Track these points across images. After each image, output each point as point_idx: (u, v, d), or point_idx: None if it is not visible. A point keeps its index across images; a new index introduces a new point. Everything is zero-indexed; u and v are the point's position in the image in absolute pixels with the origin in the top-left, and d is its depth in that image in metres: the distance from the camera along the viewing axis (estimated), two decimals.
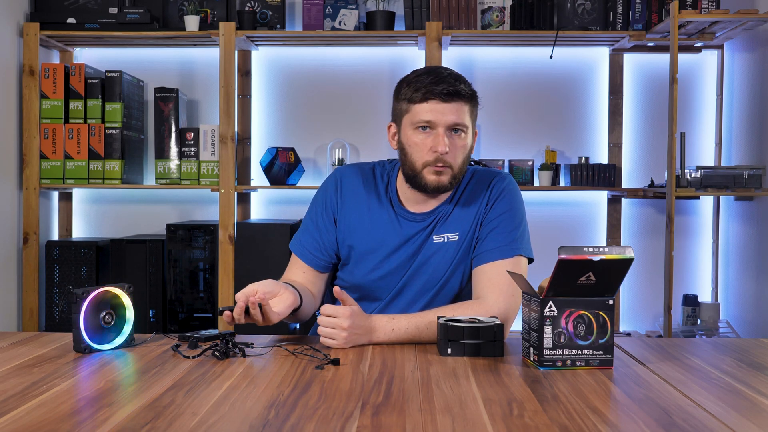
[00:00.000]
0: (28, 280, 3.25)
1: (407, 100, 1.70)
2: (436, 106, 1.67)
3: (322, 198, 1.83)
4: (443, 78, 1.68)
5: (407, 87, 1.71)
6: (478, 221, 1.76)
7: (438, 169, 1.69)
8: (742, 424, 1.10)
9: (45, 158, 3.28)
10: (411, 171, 1.72)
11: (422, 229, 1.76)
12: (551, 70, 3.51)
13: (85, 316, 1.51)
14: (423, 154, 1.69)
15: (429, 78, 1.68)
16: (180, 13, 3.39)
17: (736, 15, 2.98)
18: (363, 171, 1.84)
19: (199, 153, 3.36)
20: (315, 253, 1.80)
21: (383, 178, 1.82)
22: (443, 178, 1.70)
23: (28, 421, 1.09)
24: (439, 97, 1.66)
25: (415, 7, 3.32)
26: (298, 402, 1.19)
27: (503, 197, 1.77)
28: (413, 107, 1.70)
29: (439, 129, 1.68)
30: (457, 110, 1.68)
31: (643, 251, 3.50)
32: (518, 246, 1.74)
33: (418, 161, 1.70)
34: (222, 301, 3.21)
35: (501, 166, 3.39)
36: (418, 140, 1.70)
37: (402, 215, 1.77)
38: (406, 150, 1.72)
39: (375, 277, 1.77)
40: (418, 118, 1.68)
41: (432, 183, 1.70)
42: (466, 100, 1.69)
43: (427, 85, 1.67)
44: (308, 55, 3.56)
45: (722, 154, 3.46)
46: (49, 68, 3.27)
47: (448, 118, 1.67)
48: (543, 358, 1.40)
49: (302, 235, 1.83)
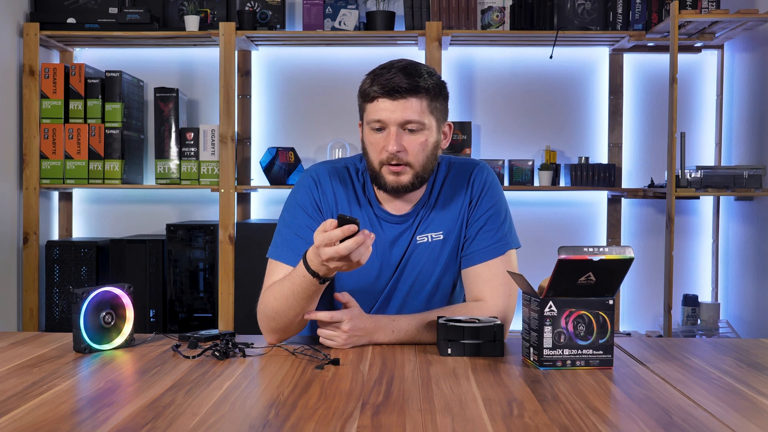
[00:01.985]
0: (28, 280, 3.25)
1: (362, 98, 1.66)
2: (385, 104, 1.60)
3: (307, 199, 1.72)
4: (395, 73, 1.60)
5: (363, 84, 1.66)
6: (462, 219, 1.72)
7: (395, 169, 1.62)
8: (742, 424, 1.10)
9: (45, 158, 3.28)
10: (371, 171, 1.67)
11: (405, 230, 1.71)
12: (551, 70, 3.51)
13: (85, 316, 1.51)
14: (378, 153, 1.63)
15: (382, 74, 1.62)
16: (180, 13, 3.39)
17: (736, 15, 2.98)
18: (337, 171, 1.75)
19: (199, 153, 3.36)
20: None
21: (359, 178, 1.75)
22: (402, 178, 1.63)
23: (28, 421, 1.09)
24: (388, 95, 1.59)
25: (415, 7, 3.32)
26: (298, 402, 1.19)
27: (486, 192, 1.72)
28: (367, 106, 1.64)
29: (391, 128, 1.61)
30: (407, 107, 1.60)
31: (643, 251, 3.50)
32: (508, 241, 1.71)
33: (375, 161, 1.64)
34: (222, 301, 3.21)
35: (501, 166, 3.39)
36: (373, 140, 1.64)
37: (383, 217, 1.72)
38: (366, 149, 1.68)
39: (361, 281, 1.70)
40: (370, 117, 1.63)
41: (391, 183, 1.64)
42: (422, 95, 1.61)
43: (379, 82, 1.61)
44: (308, 55, 3.56)
45: (722, 154, 3.46)
46: (49, 68, 3.27)
47: (397, 116, 1.60)
48: (543, 358, 1.40)
49: (290, 240, 1.68)
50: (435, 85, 1.63)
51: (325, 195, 1.72)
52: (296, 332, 1.64)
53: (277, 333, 1.62)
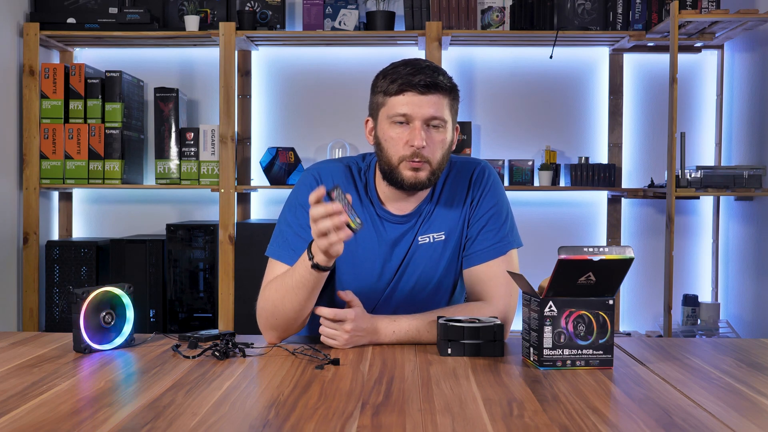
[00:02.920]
0: (28, 280, 3.25)
1: (383, 92, 1.63)
2: (412, 99, 1.59)
3: (308, 196, 1.73)
4: (421, 69, 1.60)
5: (383, 79, 1.64)
6: (464, 219, 1.71)
7: (415, 165, 1.61)
8: (742, 424, 1.10)
9: (45, 158, 3.28)
10: (387, 167, 1.65)
11: (407, 230, 1.71)
12: (551, 70, 3.51)
13: (85, 316, 1.51)
14: (399, 148, 1.61)
15: (406, 69, 1.61)
16: (180, 13, 3.39)
17: (736, 15, 2.98)
18: (340, 169, 1.73)
19: (199, 153, 3.36)
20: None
21: (361, 177, 1.73)
22: (421, 174, 1.62)
23: (28, 421, 1.09)
24: (416, 89, 1.59)
25: (415, 7, 3.32)
26: (298, 402, 1.19)
27: (488, 192, 1.72)
28: (389, 100, 1.62)
29: (416, 122, 1.60)
30: (434, 103, 1.60)
31: (643, 251, 3.50)
32: (509, 241, 1.70)
33: (394, 156, 1.62)
34: (222, 301, 3.21)
35: (501, 166, 3.39)
36: (394, 134, 1.62)
37: (385, 218, 1.71)
38: (382, 145, 1.65)
39: (363, 280, 1.70)
40: (395, 111, 1.61)
41: (409, 179, 1.62)
42: (445, 93, 1.62)
43: (404, 76, 1.60)
44: (308, 55, 3.56)
45: (722, 154, 3.46)
46: (49, 68, 3.27)
47: (425, 111, 1.60)
48: (543, 358, 1.40)
49: (290, 240, 1.67)
50: (454, 86, 1.65)
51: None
52: (295, 331, 1.64)
53: (276, 330, 1.62)
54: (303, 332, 1.78)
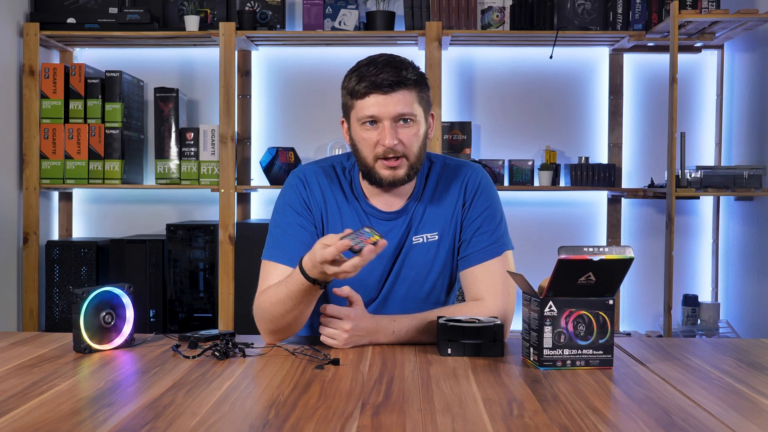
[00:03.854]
0: (28, 280, 3.25)
1: (350, 95, 1.65)
2: (378, 99, 1.60)
3: (295, 197, 1.71)
4: (381, 69, 1.61)
5: (348, 81, 1.65)
6: (456, 221, 1.72)
7: (391, 164, 1.63)
8: (742, 424, 1.10)
9: (45, 158, 3.28)
10: (364, 167, 1.67)
11: (396, 227, 1.71)
12: (551, 70, 3.51)
13: (85, 316, 1.51)
14: (372, 149, 1.63)
15: (369, 69, 1.61)
16: (180, 13, 3.39)
17: (736, 15, 2.98)
18: (324, 169, 1.75)
19: (199, 153, 3.36)
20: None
21: (345, 175, 1.75)
22: (399, 172, 1.64)
23: (28, 421, 1.09)
24: (380, 89, 1.60)
25: (415, 7, 3.32)
26: (298, 402, 1.19)
27: (481, 194, 1.73)
28: (357, 103, 1.63)
29: (385, 122, 1.61)
30: (400, 101, 1.61)
31: (643, 251, 3.50)
32: (504, 242, 1.72)
33: (369, 156, 1.64)
34: (222, 301, 3.21)
35: (501, 166, 3.39)
36: (366, 136, 1.64)
37: (372, 214, 1.71)
38: (357, 146, 1.67)
39: (355, 278, 1.64)
40: (362, 113, 1.62)
41: (387, 177, 1.64)
42: (411, 87, 1.62)
43: (368, 77, 1.60)
44: (308, 55, 3.56)
45: (722, 154, 3.46)
46: (49, 68, 3.27)
47: (391, 110, 1.61)
48: (543, 358, 1.40)
49: (280, 240, 1.68)
50: (420, 77, 1.66)
51: (312, 193, 1.72)
52: (295, 332, 1.64)
53: (276, 334, 1.63)
54: (303, 332, 1.78)
